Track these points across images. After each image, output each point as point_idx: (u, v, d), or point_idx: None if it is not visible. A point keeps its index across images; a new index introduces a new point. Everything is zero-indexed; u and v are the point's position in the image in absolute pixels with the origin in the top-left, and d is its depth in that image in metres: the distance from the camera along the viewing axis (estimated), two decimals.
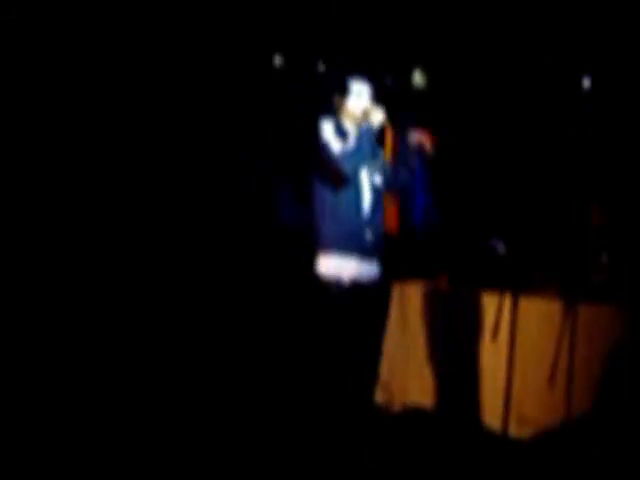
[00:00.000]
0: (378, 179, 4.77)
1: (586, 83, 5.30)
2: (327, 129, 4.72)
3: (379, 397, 5.14)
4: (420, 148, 4.74)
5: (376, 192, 4.76)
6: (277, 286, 5.28)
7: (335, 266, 4.64)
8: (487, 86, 5.72)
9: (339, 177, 4.60)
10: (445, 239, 5.26)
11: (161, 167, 5.77)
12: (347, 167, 4.61)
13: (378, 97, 4.83)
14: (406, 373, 5.18)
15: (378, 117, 4.72)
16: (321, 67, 5.82)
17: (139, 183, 5.71)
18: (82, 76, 5.55)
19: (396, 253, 5.15)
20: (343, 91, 4.76)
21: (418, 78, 5.92)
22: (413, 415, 5.11)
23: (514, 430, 4.76)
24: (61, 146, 5.53)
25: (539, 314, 4.84)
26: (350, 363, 4.60)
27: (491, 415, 4.90)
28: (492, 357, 4.92)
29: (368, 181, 4.75)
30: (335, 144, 4.67)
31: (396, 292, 5.13)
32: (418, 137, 4.76)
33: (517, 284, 4.84)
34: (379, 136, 4.81)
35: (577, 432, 4.66)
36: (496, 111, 5.68)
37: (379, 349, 4.88)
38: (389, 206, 5.24)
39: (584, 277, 4.76)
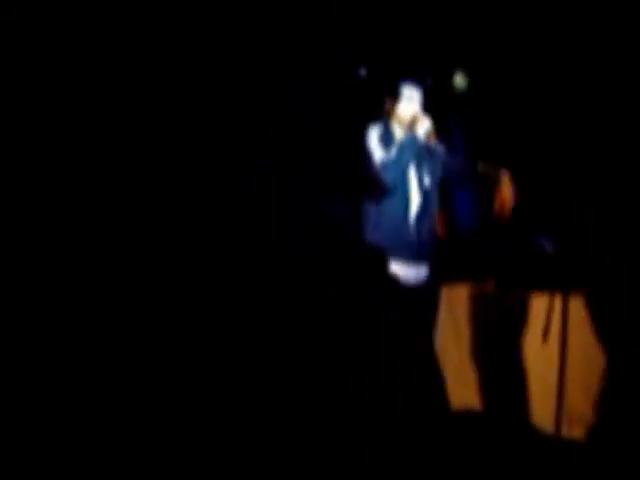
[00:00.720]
0: (428, 181, 4.75)
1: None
2: (373, 137, 4.71)
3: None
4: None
5: (426, 195, 4.75)
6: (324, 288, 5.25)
7: (399, 271, 4.63)
8: (530, 86, 5.69)
9: (379, 187, 4.60)
10: (492, 240, 5.22)
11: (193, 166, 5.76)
12: (388, 177, 4.60)
13: (426, 105, 4.82)
14: (455, 376, 5.14)
15: (425, 125, 4.70)
16: (363, 72, 5.80)
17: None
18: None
19: (444, 256, 5.13)
20: (395, 95, 4.75)
21: (459, 80, 5.89)
22: (464, 418, 5.08)
23: (567, 431, 4.72)
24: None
25: (590, 313, 4.79)
26: (396, 365, 4.60)
27: (543, 417, 4.85)
28: (543, 359, 4.87)
29: (418, 187, 4.74)
30: (378, 153, 4.67)
31: (444, 295, 5.10)
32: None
33: (566, 283, 4.80)
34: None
35: (630, 433, 4.62)
36: (537, 107, 5.63)
37: (428, 352, 4.86)
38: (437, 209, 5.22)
39: (633, 275, 4.70)
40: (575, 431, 4.75)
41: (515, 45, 5.69)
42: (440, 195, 5.07)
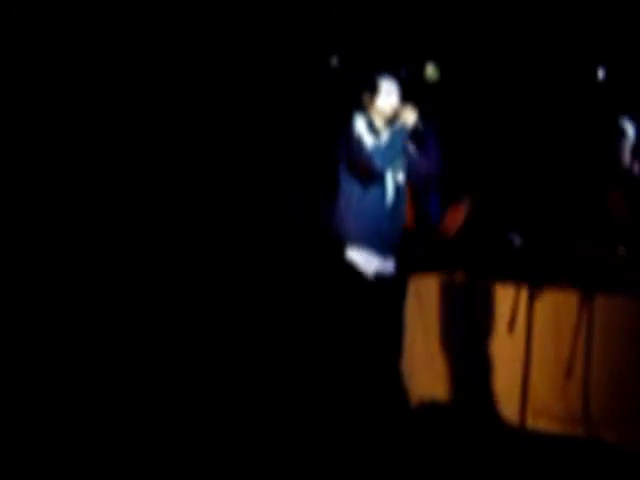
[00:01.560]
0: (401, 176, 4.77)
1: (600, 74, 5.30)
2: (360, 124, 4.71)
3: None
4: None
5: (398, 189, 4.76)
6: (299, 281, 5.28)
7: (360, 260, 4.65)
8: (502, 77, 5.71)
9: (369, 172, 4.61)
10: (461, 232, 5.26)
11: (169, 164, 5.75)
12: (377, 163, 4.60)
13: (410, 96, 4.82)
14: (423, 366, 5.18)
15: (411, 117, 4.70)
16: (334, 62, 5.80)
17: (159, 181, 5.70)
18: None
19: (413, 247, 5.15)
20: (372, 89, 4.75)
21: (431, 72, 5.91)
22: (429, 408, 5.11)
23: (531, 422, 4.77)
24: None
25: (556, 306, 4.83)
26: (370, 357, 4.62)
27: (508, 407, 4.90)
28: (509, 350, 4.92)
29: (392, 178, 4.75)
30: (367, 139, 4.67)
31: (412, 285, 5.12)
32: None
33: (534, 276, 4.85)
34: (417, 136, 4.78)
35: (594, 424, 4.68)
36: (511, 103, 5.67)
37: (398, 343, 4.89)
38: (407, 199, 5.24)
39: (602, 269, 4.75)
40: (540, 422, 4.80)
41: (489, 40, 5.73)
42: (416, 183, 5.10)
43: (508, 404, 4.90)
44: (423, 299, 5.17)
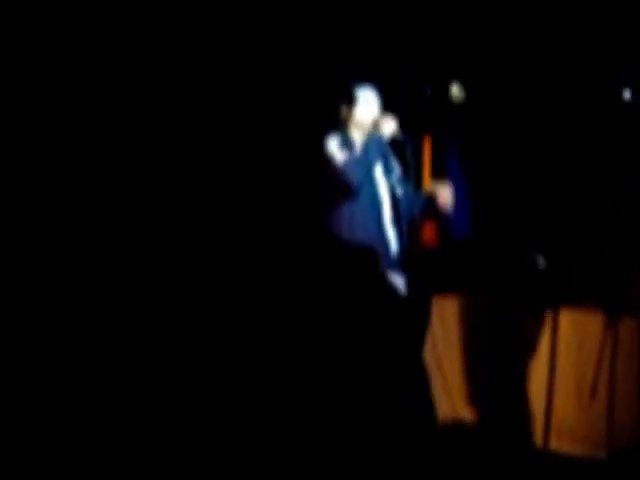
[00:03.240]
0: (399, 191, 4.71)
1: (626, 94, 5.27)
2: (332, 143, 4.62)
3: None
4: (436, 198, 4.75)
5: (397, 203, 4.69)
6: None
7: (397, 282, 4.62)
8: (524, 97, 5.69)
9: (345, 187, 4.53)
10: (484, 252, 5.24)
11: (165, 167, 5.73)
12: (353, 176, 4.51)
13: (389, 106, 4.73)
14: (447, 387, 5.16)
15: (390, 127, 4.61)
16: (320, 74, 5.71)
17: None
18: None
19: (435, 265, 5.14)
20: (350, 100, 4.63)
21: (456, 91, 5.91)
22: (454, 429, 5.09)
23: (555, 444, 4.73)
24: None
25: (580, 327, 4.80)
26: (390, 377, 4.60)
27: (532, 429, 4.87)
28: (533, 371, 4.90)
29: (387, 192, 4.68)
30: (339, 155, 4.58)
31: (436, 306, 5.11)
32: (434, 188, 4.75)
33: (557, 297, 4.82)
34: (397, 146, 4.72)
35: (617, 446, 4.64)
36: (532, 120, 5.64)
37: (416, 362, 4.87)
38: (427, 217, 5.21)
39: (626, 290, 4.72)
40: (563, 444, 4.77)
41: (510, 55, 5.70)
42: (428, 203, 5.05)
43: (532, 425, 4.88)
44: (446, 320, 5.15)
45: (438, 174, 5.47)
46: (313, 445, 4.49)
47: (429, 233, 5.32)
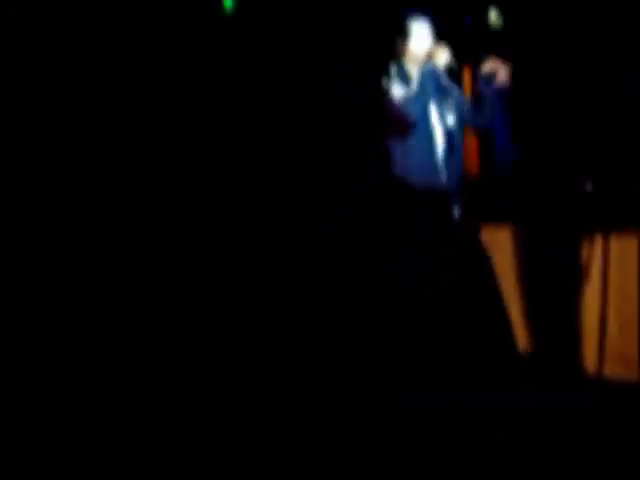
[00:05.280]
0: (451, 119, 4.66)
1: None
2: (388, 79, 4.59)
3: None
4: (495, 78, 4.62)
5: (450, 133, 4.65)
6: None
7: None
8: (566, 23, 5.57)
9: (404, 123, 4.49)
10: (529, 178, 5.16)
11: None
12: (412, 111, 4.48)
13: (443, 36, 4.68)
14: None
15: (444, 57, 4.58)
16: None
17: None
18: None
19: (478, 194, 5.08)
20: (403, 34, 4.58)
21: (494, 17, 5.80)
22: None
23: (608, 370, 4.71)
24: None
25: (631, 252, 4.74)
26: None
27: (585, 356, 4.84)
28: (585, 297, 4.86)
29: (440, 123, 4.64)
30: (397, 90, 4.55)
31: (485, 235, 5.06)
32: (492, 66, 4.64)
33: (608, 222, 4.77)
34: (452, 75, 4.69)
35: None
36: (575, 43, 5.52)
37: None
38: (469, 146, 5.15)
39: None
40: (617, 369, 4.74)
41: None
42: (476, 129, 4.99)
43: (586, 352, 4.85)
44: (494, 251, 5.10)
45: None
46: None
47: (471, 161, 5.25)
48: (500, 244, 5.10)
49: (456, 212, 4.73)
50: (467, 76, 5.51)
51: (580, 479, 3.54)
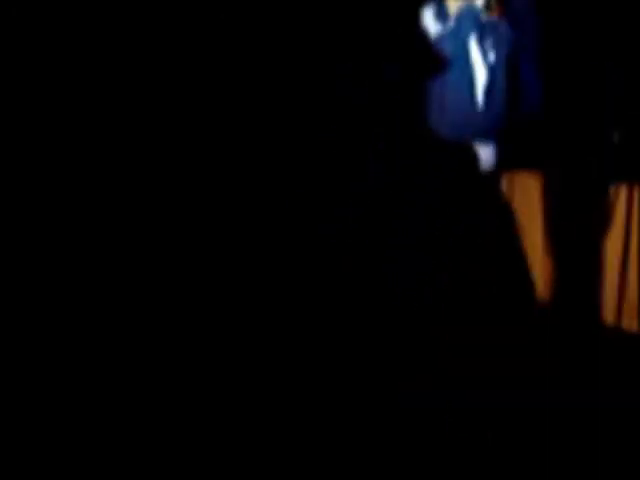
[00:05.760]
0: (492, 55, 4.58)
1: None
2: (427, 14, 4.53)
3: None
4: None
5: (492, 70, 4.58)
6: None
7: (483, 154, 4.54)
8: None
9: (440, 61, 4.45)
10: (555, 125, 5.06)
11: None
12: (447, 49, 4.42)
13: None
14: None
15: None
16: None
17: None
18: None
19: (504, 139, 4.99)
20: None
21: None
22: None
23: (627, 322, 4.73)
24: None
25: None
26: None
27: (605, 307, 4.86)
28: (606, 248, 4.84)
29: (481, 59, 4.56)
30: (433, 28, 4.49)
31: (506, 184, 5.02)
32: None
33: (632, 172, 4.70)
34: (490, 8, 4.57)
35: None
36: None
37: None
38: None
39: None
40: (635, 323, 4.76)
41: None
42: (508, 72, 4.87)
43: (606, 304, 4.86)
44: (517, 198, 5.07)
45: None
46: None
47: None
48: (523, 191, 5.07)
49: (492, 153, 4.69)
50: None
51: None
